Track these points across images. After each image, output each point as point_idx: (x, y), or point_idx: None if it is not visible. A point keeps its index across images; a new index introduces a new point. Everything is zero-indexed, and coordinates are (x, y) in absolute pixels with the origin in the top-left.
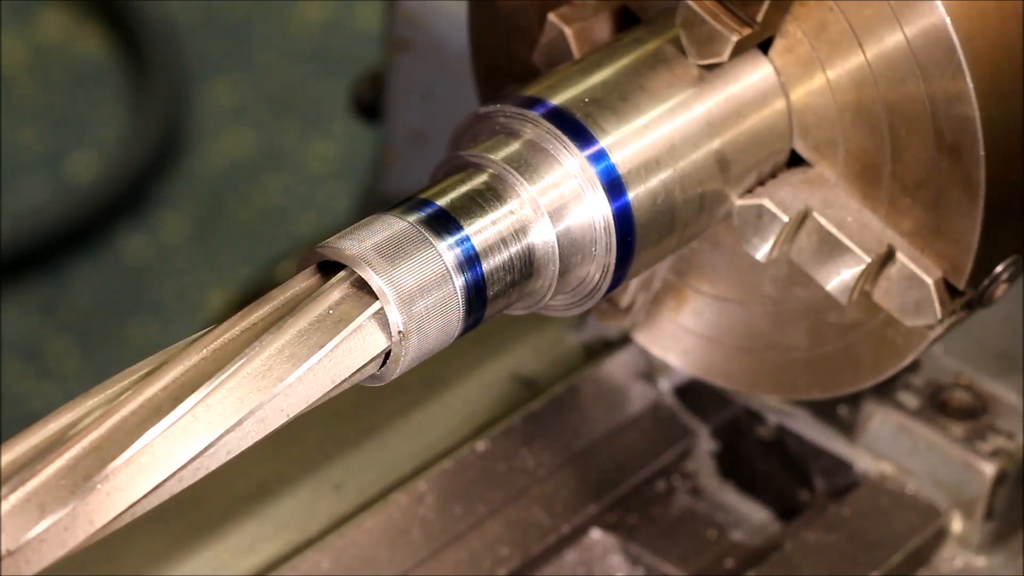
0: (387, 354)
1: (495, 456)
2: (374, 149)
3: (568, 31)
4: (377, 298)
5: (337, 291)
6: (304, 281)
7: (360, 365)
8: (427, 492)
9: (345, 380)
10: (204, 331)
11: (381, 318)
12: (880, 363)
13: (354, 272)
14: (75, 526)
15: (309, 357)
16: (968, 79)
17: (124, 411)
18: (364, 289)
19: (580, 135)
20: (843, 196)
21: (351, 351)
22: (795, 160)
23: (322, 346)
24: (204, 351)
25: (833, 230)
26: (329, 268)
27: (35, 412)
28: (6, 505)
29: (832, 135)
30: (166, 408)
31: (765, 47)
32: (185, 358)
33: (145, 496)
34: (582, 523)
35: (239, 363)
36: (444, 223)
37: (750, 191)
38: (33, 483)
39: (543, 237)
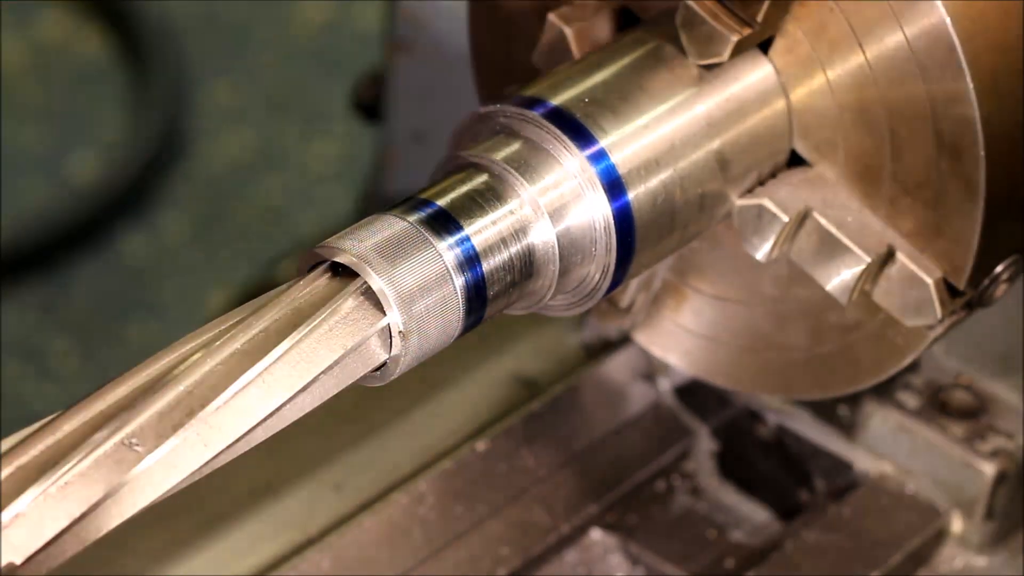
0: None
1: (495, 456)
2: (374, 149)
3: (568, 31)
4: (381, 306)
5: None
6: (312, 282)
7: (350, 346)
8: (427, 492)
9: (339, 366)
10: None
11: (377, 310)
12: (880, 363)
13: (363, 280)
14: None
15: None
16: (968, 79)
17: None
18: (370, 298)
19: (580, 135)
20: (843, 196)
21: (342, 337)
22: (795, 160)
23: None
24: (195, 344)
25: (833, 230)
26: (332, 268)
27: (35, 412)
28: (103, 448)
29: (832, 135)
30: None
31: (765, 47)
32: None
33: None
34: (582, 523)
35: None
36: (444, 223)
37: (750, 191)
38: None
39: (543, 237)
